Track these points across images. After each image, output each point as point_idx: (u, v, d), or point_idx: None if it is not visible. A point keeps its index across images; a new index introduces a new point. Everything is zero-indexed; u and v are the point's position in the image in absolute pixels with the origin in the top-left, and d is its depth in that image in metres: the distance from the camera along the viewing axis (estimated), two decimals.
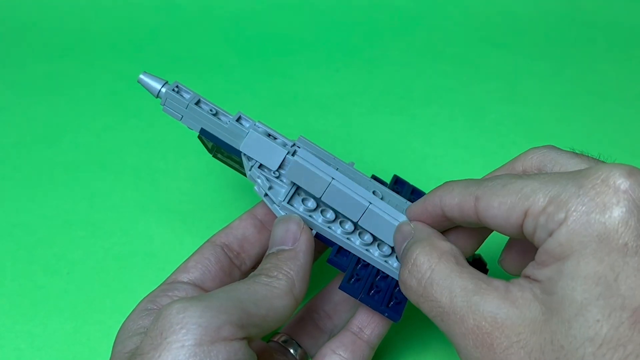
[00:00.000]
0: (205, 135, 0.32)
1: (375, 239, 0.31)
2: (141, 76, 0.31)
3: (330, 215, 0.31)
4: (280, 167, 0.31)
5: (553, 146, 0.26)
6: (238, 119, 0.32)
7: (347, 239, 0.30)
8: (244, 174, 0.32)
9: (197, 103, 0.31)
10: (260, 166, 0.31)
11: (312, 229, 0.30)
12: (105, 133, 0.49)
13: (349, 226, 0.31)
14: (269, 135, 0.32)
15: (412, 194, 0.35)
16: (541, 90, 0.55)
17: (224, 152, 0.33)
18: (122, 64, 0.56)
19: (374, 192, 0.31)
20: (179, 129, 0.50)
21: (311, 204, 0.31)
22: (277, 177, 0.31)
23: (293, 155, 0.32)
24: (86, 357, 0.36)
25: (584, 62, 0.59)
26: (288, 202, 0.30)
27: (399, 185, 0.35)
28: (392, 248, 0.31)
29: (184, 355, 0.22)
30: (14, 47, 0.57)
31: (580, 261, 0.20)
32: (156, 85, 0.31)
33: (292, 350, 0.31)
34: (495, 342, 0.21)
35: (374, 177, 0.35)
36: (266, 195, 0.31)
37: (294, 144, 0.32)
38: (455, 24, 0.63)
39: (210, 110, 0.31)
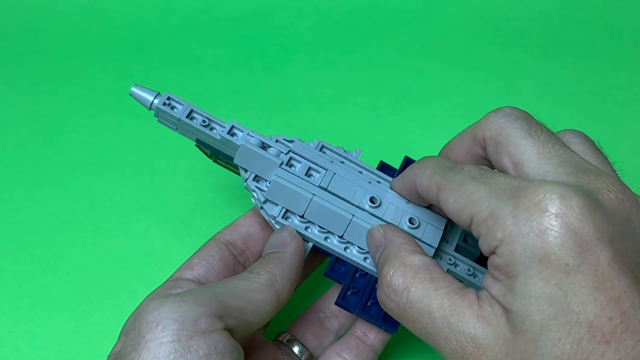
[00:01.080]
0: (201, 144, 0.32)
1: None
2: (133, 89, 0.31)
3: None
4: None
5: (511, 113, 0.27)
6: (230, 130, 0.31)
7: (345, 249, 0.30)
8: None
9: (190, 114, 0.31)
10: (256, 177, 0.31)
11: (308, 242, 0.30)
12: (105, 133, 0.49)
13: None
14: (263, 144, 0.32)
15: None
16: (541, 90, 0.55)
17: (222, 158, 0.33)
18: (122, 64, 0.56)
19: (371, 199, 0.31)
20: None
21: None
22: None
23: (287, 164, 0.31)
24: (86, 357, 0.36)
25: (584, 62, 0.59)
26: (283, 217, 0.31)
27: None
28: None
29: (163, 353, 0.22)
30: (14, 47, 0.57)
31: (527, 282, 0.21)
32: (148, 97, 0.31)
33: (296, 350, 0.31)
34: None
35: (383, 164, 0.35)
36: (262, 208, 0.31)
37: (289, 151, 0.32)
38: (455, 24, 0.63)
39: (203, 121, 0.31)
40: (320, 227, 0.31)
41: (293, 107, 0.53)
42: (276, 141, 0.32)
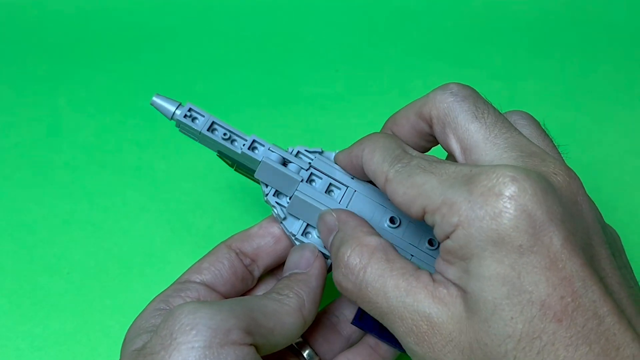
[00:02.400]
0: (223, 155, 0.32)
1: None
2: (154, 98, 0.31)
3: None
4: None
5: (458, 91, 0.27)
6: (251, 144, 0.31)
7: None
8: None
9: (211, 126, 0.31)
10: (276, 192, 0.31)
11: (328, 258, 0.30)
12: (105, 133, 0.49)
13: None
14: (284, 160, 0.31)
15: None
16: (541, 90, 0.55)
17: (243, 169, 0.33)
18: (122, 64, 0.56)
19: (391, 219, 0.30)
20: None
21: None
22: None
23: (308, 181, 0.31)
24: (86, 357, 0.36)
25: (584, 62, 0.59)
26: (303, 233, 0.31)
27: None
28: None
29: (193, 357, 0.22)
30: (14, 46, 0.57)
31: (481, 263, 0.21)
32: (170, 108, 0.31)
33: (305, 354, 0.31)
34: (432, 341, 0.22)
35: None
36: (282, 223, 0.31)
37: (309, 167, 0.31)
38: (455, 24, 0.63)
39: (224, 134, 0.31)
40: None
41: (293, 107, 0.53)
42: (297, 153, 0.32)
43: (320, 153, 0.32)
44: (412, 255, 0.30)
